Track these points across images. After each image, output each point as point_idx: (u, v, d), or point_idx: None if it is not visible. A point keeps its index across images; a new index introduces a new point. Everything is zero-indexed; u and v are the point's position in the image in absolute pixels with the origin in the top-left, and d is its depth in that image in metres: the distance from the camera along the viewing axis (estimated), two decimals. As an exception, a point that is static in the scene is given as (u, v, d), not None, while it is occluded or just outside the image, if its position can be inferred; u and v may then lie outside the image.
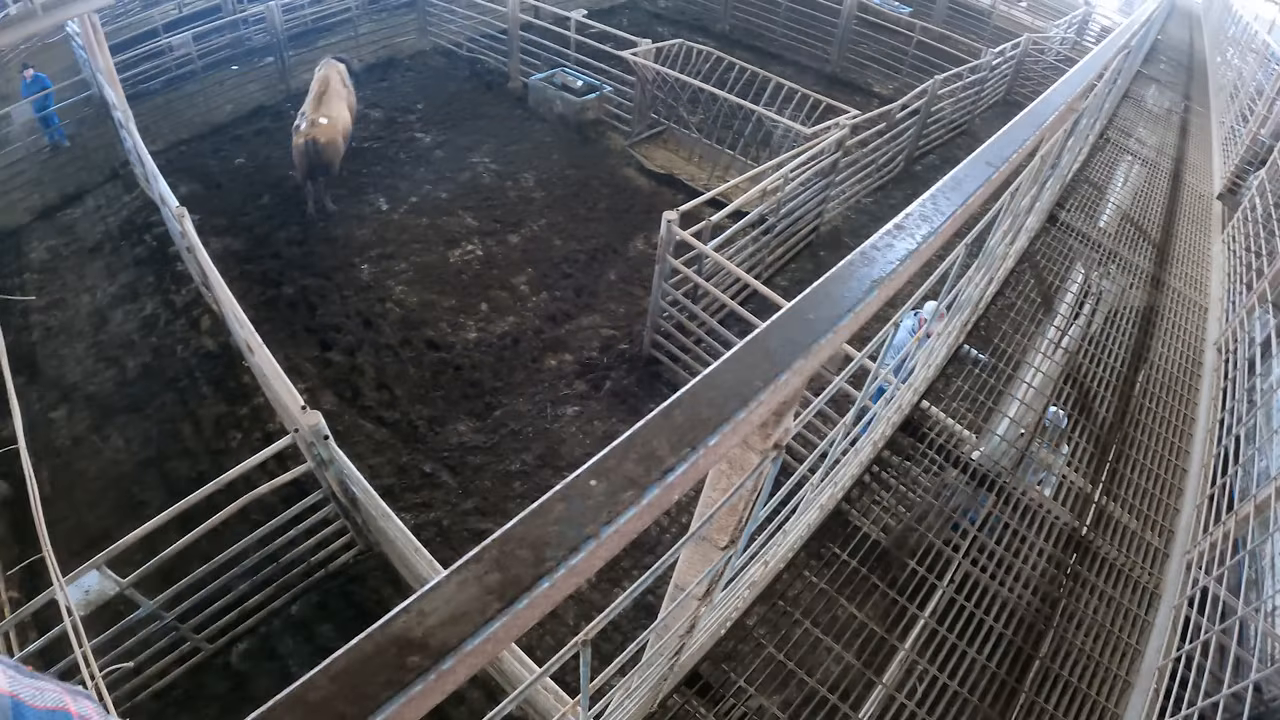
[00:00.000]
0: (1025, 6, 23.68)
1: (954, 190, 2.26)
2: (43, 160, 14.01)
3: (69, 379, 9.32)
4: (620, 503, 1.10)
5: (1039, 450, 5.45)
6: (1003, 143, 2.75)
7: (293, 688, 0.91)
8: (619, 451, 1.18)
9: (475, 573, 1.01)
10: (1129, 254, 7.96)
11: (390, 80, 16.50)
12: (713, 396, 1.30)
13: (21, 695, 0.71)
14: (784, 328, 1.49)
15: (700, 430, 1.23)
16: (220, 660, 6.55)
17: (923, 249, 1.89)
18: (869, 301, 1.63)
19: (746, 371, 1.36)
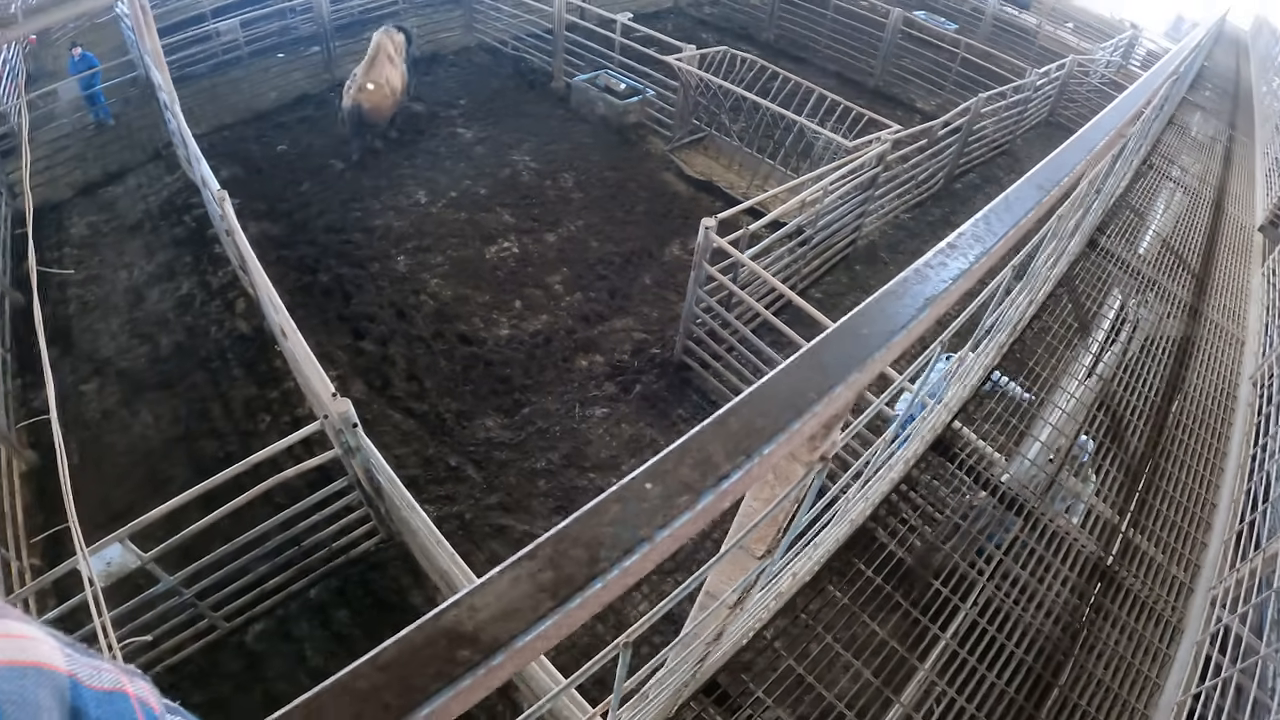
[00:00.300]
0: (1071, 28, 23.53)
1: (1006, 212, 2.24)
2: (87, 138, 14.20)
3: (102, 353, 9.41)
4: (675, 507, 1.09)
5: (1068, 477, 5.40)
6: (1054, 166, 2.72)
7: (340, 675, 0.91)
8: (675, 456, 1.17)
9: (529, 570, 1.00)
10: (1167, 282, 7.87)
11: (434, 75, 16.55)
12: (767, 406, 1.30)
13: (79, 675, 0.70)
14: (838, 341, 1.48)
15: (755, 439, 1.22)
16: (236, 639, 6.59)
17: (974, 269, 1.87)
18: (921, 319, 1.62)
19: (801, 383, 1.35)
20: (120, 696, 0.74)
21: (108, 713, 0.71)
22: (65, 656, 0.70)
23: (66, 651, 0.71)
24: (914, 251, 11.96)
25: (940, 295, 1.71)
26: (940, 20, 21.57)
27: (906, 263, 6.75)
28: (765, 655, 3.92)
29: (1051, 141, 16.71)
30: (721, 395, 8.94)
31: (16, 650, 0.64)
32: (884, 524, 4.66)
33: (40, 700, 0.63)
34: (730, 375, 8.70)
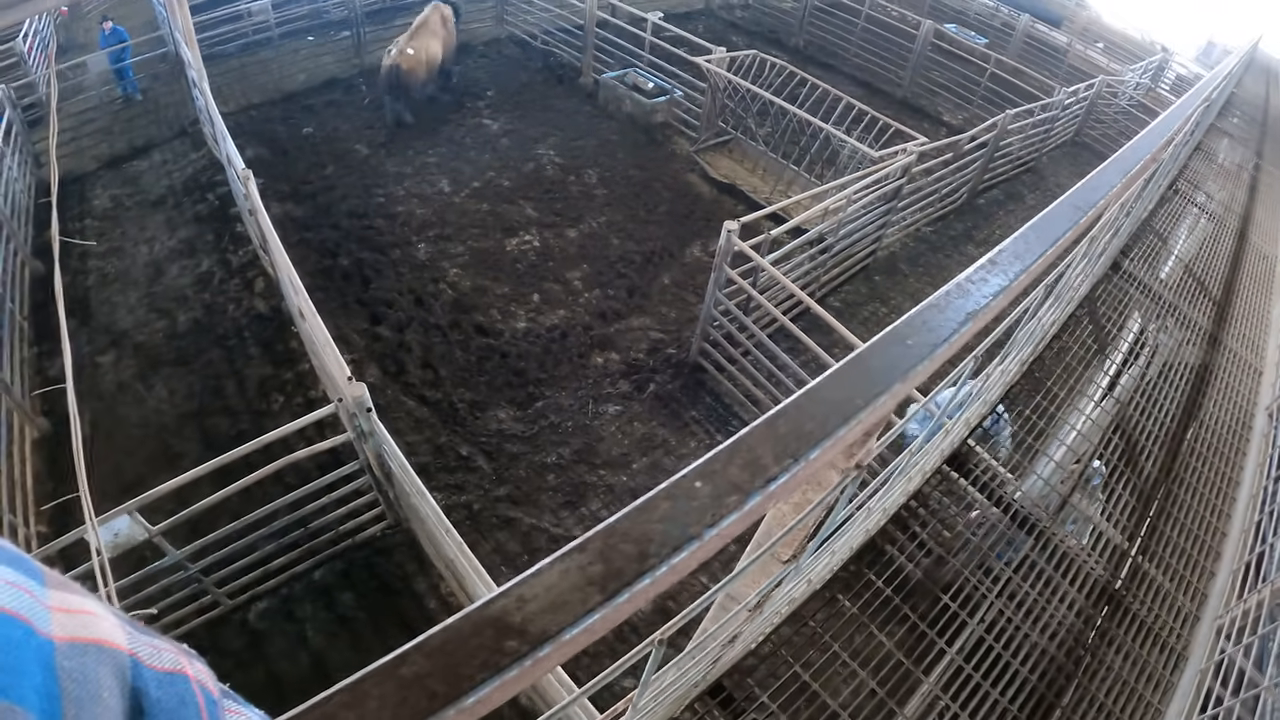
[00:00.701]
0: (1102, 48, 23.35)
1: (1045, 231, 2.24)
2: (114, 111, 14.29)
3: (120, 326, 9.45)
4: (724, 506, 1.09)
5: (1080, 499, 5.36)
6: (1091, 187, 2.71)
7: (385, 660, 0.90)
8: (724, 456, 1.17)
9: (578, 562, 1.00)
10: (1188, 309, 7.81)
11: (463, 65, 16.55)
12: (816, 410, 1.30)
13: (140, 654, 0.69)
14: (884, 350, 1.49)
15: (803, 443, 1.23)
16: (238, 616, 6.62)
17: (1013, 286, 1.87)
18: (962, 332, 1.62)
19: (848, 389, 1.36)
20: (180, 678, 0.73)
21: (168, 694, 0.70)
22: (126, 634, 0.69)
23: (127, 629, 0.70)
24: (935, 265, 11.96)
25: (981, 310, 1.71)
26: (971, 34, 21.47)
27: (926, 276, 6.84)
28: (771, 660, 3.90)
29: (1077, 161, 16.73)
30: (735, 399, 8.92)
31: (78, 626, 0.63)
32: (895, 536, 4.64)
33: (101, 678, 0.62)
34: (745, 380, 8.68)
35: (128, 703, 0.64)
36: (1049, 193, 15.30)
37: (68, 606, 0.64)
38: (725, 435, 8.25)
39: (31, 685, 0.55)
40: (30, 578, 0.62)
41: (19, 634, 0.56)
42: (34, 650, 0.57)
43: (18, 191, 10.76)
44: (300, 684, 6.26)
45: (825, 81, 13.45)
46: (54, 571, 0.67)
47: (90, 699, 0.59)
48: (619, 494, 7.85)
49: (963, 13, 24.24)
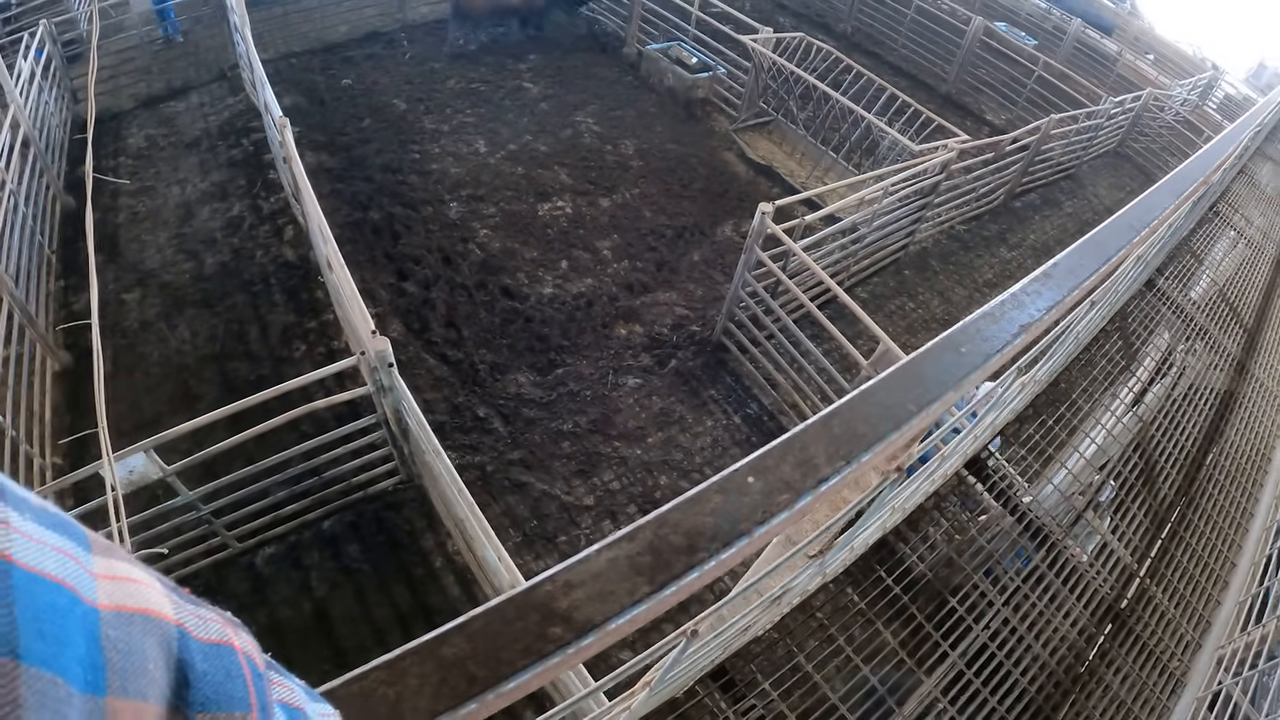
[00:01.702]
0: (1152, 60, 23.05)
1: (1099, 248, 2.20)
2: (154, 52, 14.29)
3: (147, 265, 9.47)
4: (776, 504, 1.07)
5: (1093, 515, 5.31)
6: (1146, 207, 2.67)
7: (426, 638, 0.88)
8: (777, 453, 1.15)
9: (626, 551, 0.98)
10: (1218, 333, 7.70)
11: (507, 26, 16.50)
12: (870, 413, 1.28)
13: (187, 624, 0.68)
14: (938, 357, 1.47)
15: (855, 445, 1.21)
16: (246, 560, 6.66)
17: (1066, 300, 1.84)
18: (1015, 344, 1.59)
19: (901, 394, 1.34)
20: (227, 650, 0.72)
21: (215, 667, 0.69)
22: (173, 604, 0.68)
23: (174, 598, 0.69)
24: (965, 265, 11.86)
25: (1034, 323, 1.68)
26: (1021, 34, 21.18)
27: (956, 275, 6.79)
28: (776, 648, 3.87)
29: (1118, 173, 16.55)
30: (755, 381, 8.88)
31: (124, 595, 0.61)
32: (908, 535, 4.60)
33: (147, 649, 0.60)
34: (766, 363, 8.63)
35: (173, 675, 0.63)
36: (1086, 201, 15.18)
37: (114, 573, 0.62)
38: (742, 416, 8.31)
39: (75, 656, 0.53)
40: (77, 543, 0.60)
41: (64, 601, 0.54)
42: (79, 619, 0.55)
43: (53, 126, 10.80)
44: (302, 629, 6.32)
45: (870, 70, 13.34)
46: (100, 536, 0.65)
47: (136, 671, 0.58)
48: (632, 466, 7.82)
49: (1014, 12, 23.90)
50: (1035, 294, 1.81)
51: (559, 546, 7.08)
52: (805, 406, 8.34)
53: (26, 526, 0.55)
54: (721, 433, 8.36)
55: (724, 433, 8.37)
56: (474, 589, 6.60)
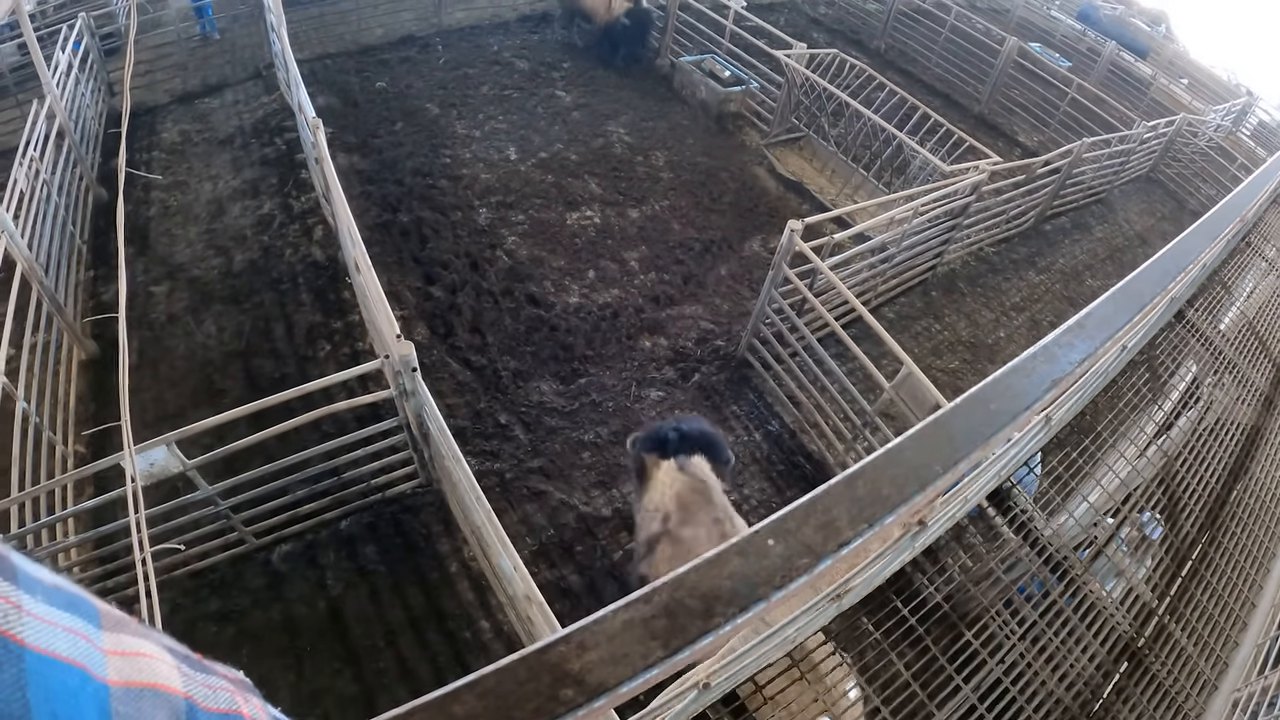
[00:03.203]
0: (1186, 84, 22.89)
1: (1134, 295, 2.17)
2: (191, 48, 14.44)
3: (176, 259, 9.54)
4: (795, 568, 1.05)
5: (1117, 551, 5.24)
6: (1181, 251, 2.65)
7: (436, 695, 0.86)
8: (799, 515, 1.13)
9: (642, 614, 0.96)
10: (1246, 366, 7.59)
11: (542, 34, 16.57)
12: (895, 474, 1.25)
13: (195, 696, 0.69)
14: (967, 413, 1.45)
15: (879, 507, 1.18)
16: (262, 556, 6.69)
17: (1099, 352, 1.81)
18: (1045, 399, 1.56)
19: (928, 453, 1.32)
20: (235, 719, 0.73)
21: None
22: (182, 676, 0.69)
23: (183, 669, 0.70)
24: (993, 288, 11.79)
25: (1065, 377, 1.65)
26: (1055, 56, 21.07)
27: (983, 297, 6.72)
28: (787, 674, 3.83)
29: (1150, 198, 16.43)
30: (778, 399, 8.83)
31: (134, 670, 0.63)
32: (926, 566, 4.55)
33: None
34: (789, 381, 8.58)
35: None
36: (1117, 226, 15.07)
37: (123, 649, 0.64)
38: (763, 434, 8.25)
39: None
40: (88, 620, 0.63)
41: (75, 681, 0.56)
42: (90, 696, 0.57)
43: (89, 118, 10.91)
44: (316, 627, 6.34)
45: (903, 88, 13.30)
46: (111, 609, 0.68)
47: None
48: (652, 480, 7.81)
49: (1048, 33, 23.83)
50: (1068, 346, 1.77)
51: (575, 557, 7.05)
52: (826, 426, 8.29)
53: (38, 609, 0.56)
54: (741, 449, 8.32)
55: (744, 449, 8.33)
56: (488, 595, 6.59)
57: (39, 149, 8.35)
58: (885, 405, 7.33)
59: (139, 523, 4.63)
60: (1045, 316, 11.84)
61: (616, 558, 7.10)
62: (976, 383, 5.74)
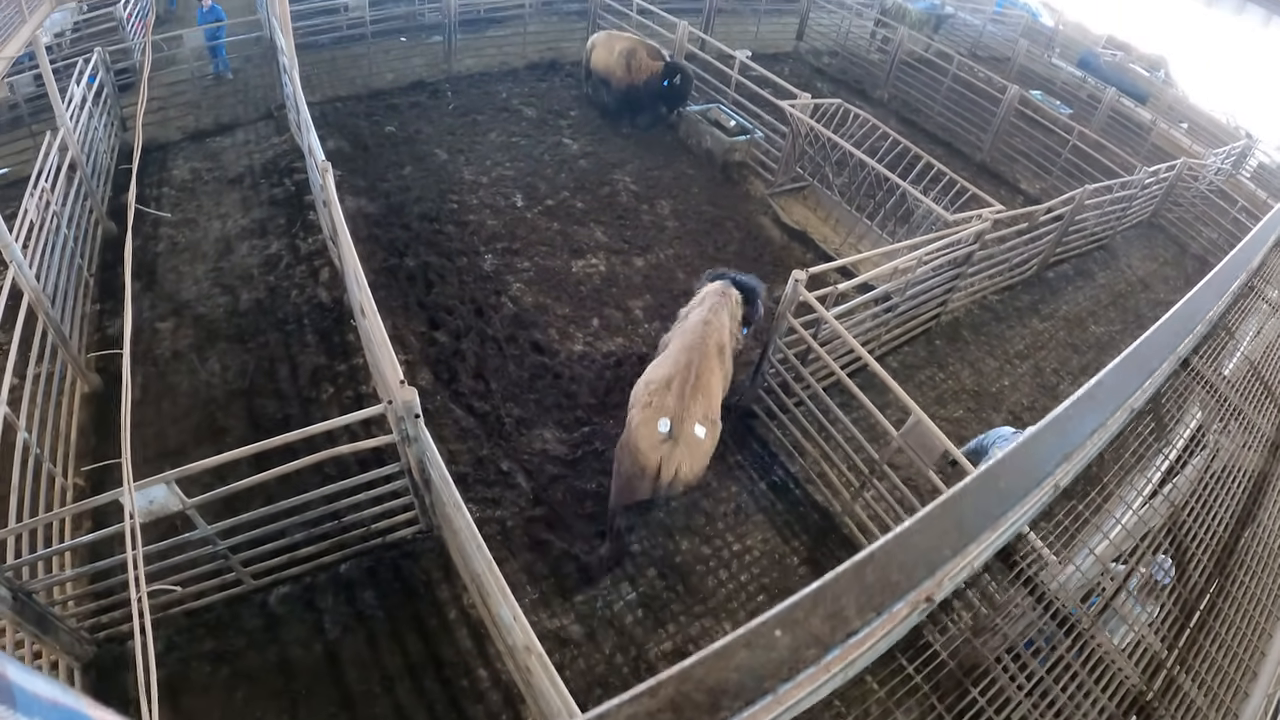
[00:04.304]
0: (1186, 128, 23.05)
1: (1143, 362, 2.18)
2: (204, 87, 14.66)
3: (183, 296, 9.61)
4: (802, 660, 1.05)
5: (1125, 601, 5.19)
6: (1188, 312, 2.66)
7: None
8: (807, 604, 1.13)
9: (647, 708, 0.96)
10: (1252, 412, 7.57)
11: (550, 82, 16.77)
12: (904, 559, 1.25)
13: None
14: (976, 494, 1.44)
15: (888, 595, 1.18)
16: (259, 597, 6.65)
17: (1110, 423, 1.81)
18: (1055, 475, 1.56)
19: (938, 537, 1.31)
20: None
21: None
22: None
23: None
24: (997, 335, 11.80)
25: (1076, 449, 1.65)
26: (1056, 103, 21.32)
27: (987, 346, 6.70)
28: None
29: (1152, 243, 16.49)
30: (782, 448, 8.79)
31: None
32: (935, 621, 4.51)
33: None
34: (794, 430, 8.56)
35: None
36: (1120, 272, 15.13)
37: None
38: (767, 483, 8.21)
39: None
40: None
41: None
42: None
43: (101, 152, 11.06)
44: (312, 670, 6.30)
45: (906, 138, 13.40)
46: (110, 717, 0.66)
47: None
48: (653, 529, 7.74)
49: (1050, 81, 24.22)
50: (1078, 418, 1.77)
51: (576, 606, 7.00)
52: (832, 475, 8.26)
53: None
54: (746, 499, 8.29)
55: (748, 499, 8.29)
56: (486, 644, 6.54)
57: (50, 180, 8.44)
58: (893, 454, 7.30)
59: (136, 560, 4.60)
60: (1049, 364, 11.85)
61: (617, 609, 7.05)
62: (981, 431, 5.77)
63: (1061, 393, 11.16)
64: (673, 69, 14.52)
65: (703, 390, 6.82)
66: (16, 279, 6.94)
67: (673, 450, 6.43)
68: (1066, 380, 11.48)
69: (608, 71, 14.99)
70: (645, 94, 14.92)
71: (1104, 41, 29.62)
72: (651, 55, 14.60)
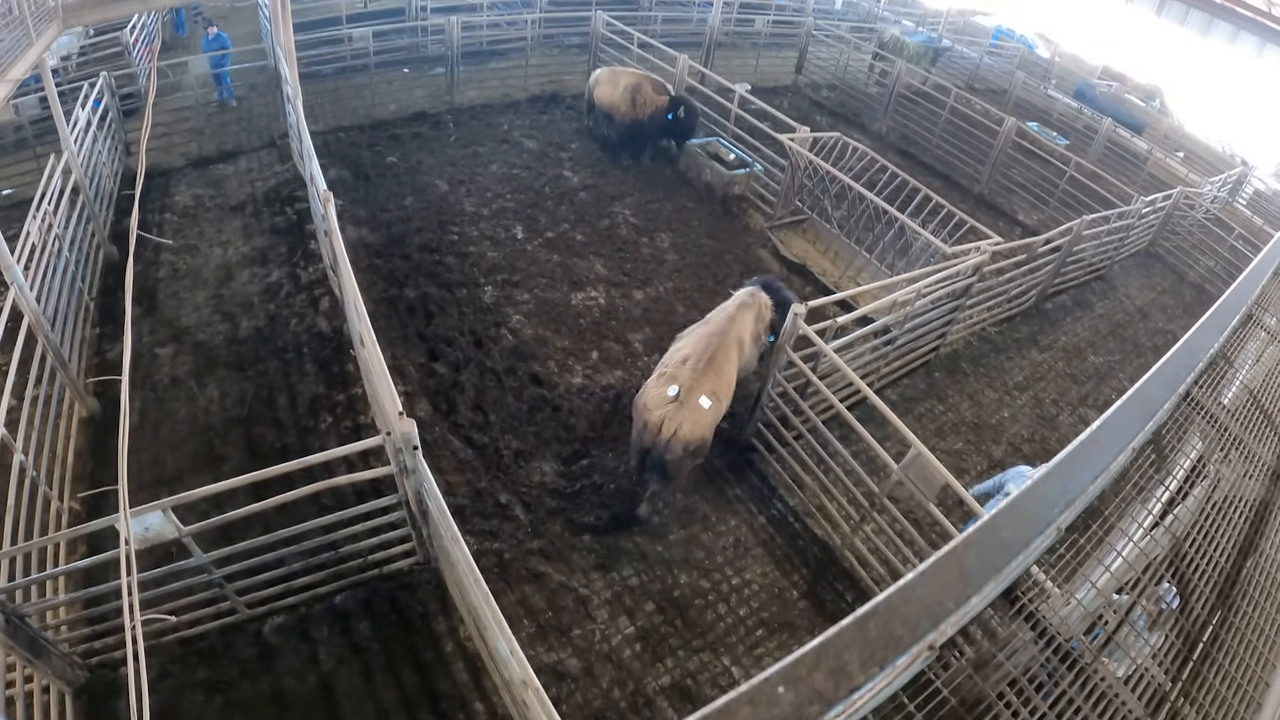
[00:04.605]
0: (1182, 157, 23.15)
1: (1146, 403, 2.19)
2: (208, 114, 14.78)
3: (183, 322, 9.64)
4: (805, 716, 1.04)
5: (1126, 634, 5.16)
6: (1191, 349, 2.68)
7: None
8: (810, 660, 1.13)
9: None
10: (1252, 441, 7.55)
11: (551, 115, 16.88)
12: (908, 613, 1.25)
13: None
14: (980, 545, 1.45)
15: (891, 649, 1.18)
16: (254, 626, 6.60)
17: (1112, 467, 1.82)
18: (1058, 522, 1.57)
19: (940, 589, 1.31)
20: None
21: None
22: None
23: None
24: (996, 367, 11.81)
25: (1079, 495, 1.66)
26: (1053, 135, 21.42)
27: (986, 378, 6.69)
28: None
29: (1150, 273, 16.54)
30: (781, 482, 8.77)
31: None
32: (940, 664, 4.47)
33: None
34: (794, 463, 8.53)
35: None
36: (1118, 302, 15.18)
37: None
38: (767, 517, 8.19)
39: None
40: None
41: None
42: None
43: (104, 176, 11.14)
44: (306, 701, 6.25)
45: (904, 170, 13.49)
46: None
47: None
48: (652, 563, 7.70)
49: (1046, 112, 24.41)
50: (1081, 464, 1.78)
51: (573, 640, 6.95)
52: (832, 509, 8.24)
53: None
54: (745, 532, 8.25)
55: (748, 532, 8.26)
56: (483, 678, 6.49)
57: (53, 203, 8.48)
58: (893, 487, 7.28)
59: (131, 586, 4.58)
60: (1048, 395, 11.85)
61: (615, 643, 7.01)
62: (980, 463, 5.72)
63: (1061, 423, 11.23)
64: (677, 102, 14.51)
65: (715, 369, 7.79)
66: (17, 301, 6.95)
67: (677, 411, 7.42)
68: (1066, 411, 11.51)
69: (612, 107, 14.97)
70: (650, 128, 14.91)
71: (1099, 72, 29.93)
72: (656, 90, 14.60)
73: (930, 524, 7.97)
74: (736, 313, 8.40)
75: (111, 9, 9.79)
